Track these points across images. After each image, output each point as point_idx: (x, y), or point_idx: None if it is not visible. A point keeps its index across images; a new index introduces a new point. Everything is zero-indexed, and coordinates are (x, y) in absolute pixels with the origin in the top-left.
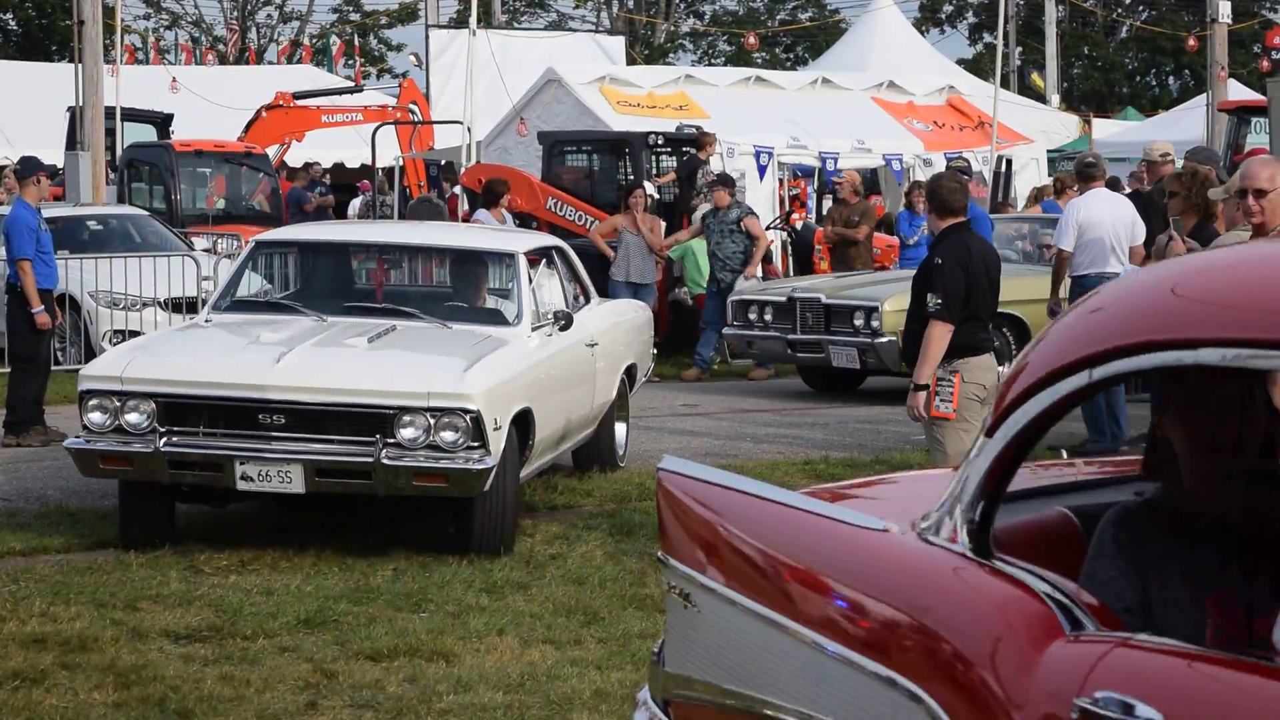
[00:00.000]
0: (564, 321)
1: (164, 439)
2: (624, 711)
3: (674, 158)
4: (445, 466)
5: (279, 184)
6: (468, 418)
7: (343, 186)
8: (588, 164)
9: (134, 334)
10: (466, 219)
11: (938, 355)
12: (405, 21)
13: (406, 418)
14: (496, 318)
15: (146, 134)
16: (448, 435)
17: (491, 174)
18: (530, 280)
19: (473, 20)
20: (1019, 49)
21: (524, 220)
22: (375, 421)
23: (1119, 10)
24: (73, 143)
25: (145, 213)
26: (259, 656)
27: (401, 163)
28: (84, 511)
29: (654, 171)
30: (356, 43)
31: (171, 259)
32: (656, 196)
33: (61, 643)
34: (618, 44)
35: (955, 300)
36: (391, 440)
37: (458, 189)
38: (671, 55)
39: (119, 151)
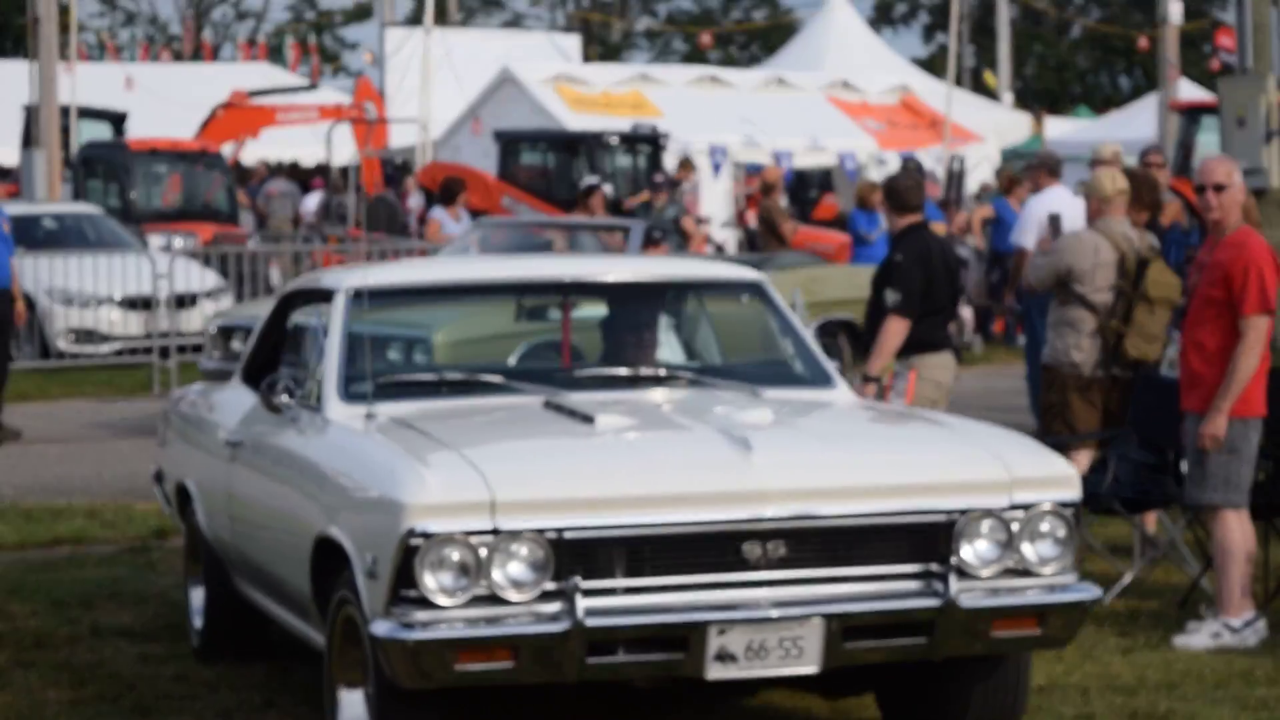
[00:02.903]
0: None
1: (584, 601)
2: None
3: (629, 155)
4: (1044, 601)
5: (234, 182)
6: (1069, 513)
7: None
8: (543, 162)
9: (89, 333)
10: (422, 217)
11: (891, 350)
12: (361, 19)
13: (979, 524)
14: (794, 378)
15: (102, 132)
16: (1042, 548)
17: (448, 172)
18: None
19: (428, 18)
20: (972, 48)
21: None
22: (924, 538)
23: (1071, 9)
24: (28, 140)
25: (100, 211)
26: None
27: (358, 161)
28: (40, 510)
29: (609, 170)
30: (312, 41)
31: (127, 257)
32: (611, 194)
33: (17, 641)
34: (573, 42)
35: (912, 297)
36: (954, 564)
37: (413, 197)
38: (626, 54)
39: (74, 149)
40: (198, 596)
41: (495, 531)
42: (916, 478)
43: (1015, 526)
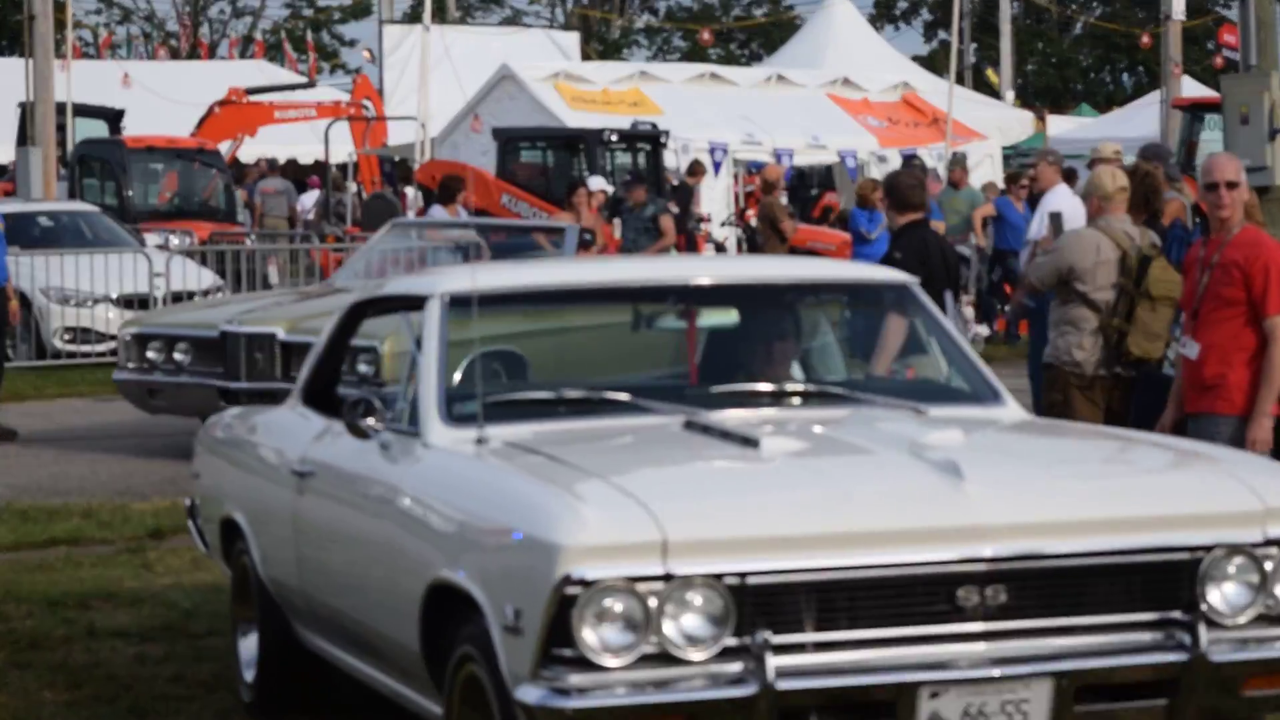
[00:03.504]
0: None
1: (774, 659)
2: None
3: (629, 153)
4: None
5: (230, 180)
6: None
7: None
8: (542, 160)
9: (85, 331)
10: (421, 215)
11: (894, 348)
12: (359, 17)
13: (1228, 563)
14: (956, 393)
15: (98, 129)
16: None
17: (446, 170)
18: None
19: (426, 16)
20: (974, 45)
21: (477, 217)
22: (1164, 579)
23: (1073, 7)
24: (23, 138)
25: (97, 209)
26: (212, 655)
27: (355, 159)
28: (35, 509)
29: (608, 168)
30: (309, 38)
31: (123, 255)
32: (610, 192)
33: (13, 641)
34: (572, 40)
35: None
36: (1202, 611)
37: (409, 189)
38: (626, 51)
39: (70, 147)
40: (249, 646)
41: (668, 577)
42: (1155, 509)
43: (1269, 565)
